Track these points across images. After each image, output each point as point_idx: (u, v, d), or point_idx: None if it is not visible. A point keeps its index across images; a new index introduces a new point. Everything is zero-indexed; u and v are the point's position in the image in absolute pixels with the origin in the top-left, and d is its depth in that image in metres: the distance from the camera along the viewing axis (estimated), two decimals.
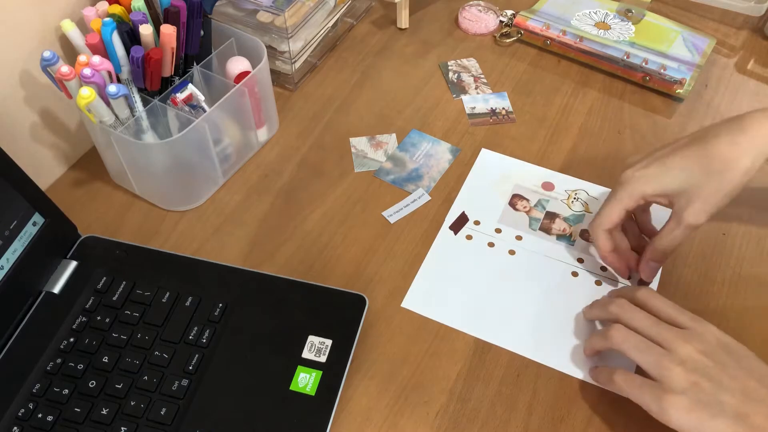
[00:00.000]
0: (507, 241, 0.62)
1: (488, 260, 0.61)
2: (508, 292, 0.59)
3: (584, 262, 0.61)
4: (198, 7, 0.60)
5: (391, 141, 0.71)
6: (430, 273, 0.60)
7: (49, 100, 0.63)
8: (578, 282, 0.59)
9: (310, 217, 0.65)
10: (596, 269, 0.60)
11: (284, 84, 0.76)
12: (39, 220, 0.56)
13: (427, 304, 0.58)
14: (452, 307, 0.58)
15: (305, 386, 0.51)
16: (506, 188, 0.66)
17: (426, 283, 0.59)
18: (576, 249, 0.62)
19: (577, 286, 0.59)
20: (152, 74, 0.60)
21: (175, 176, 0.63)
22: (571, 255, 0.61)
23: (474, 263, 0.61)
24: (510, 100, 0.75)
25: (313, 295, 0.56)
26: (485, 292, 0.59)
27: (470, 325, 0.57)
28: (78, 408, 0.50)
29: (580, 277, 0.60)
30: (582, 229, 0.63)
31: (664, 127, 0.72)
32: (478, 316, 0.57)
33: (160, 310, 0.55)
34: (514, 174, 0.67)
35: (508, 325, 0.57)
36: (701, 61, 0.76)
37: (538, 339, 0.56)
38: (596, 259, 0.61)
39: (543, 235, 0.63)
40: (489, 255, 0.61)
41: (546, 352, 0.55)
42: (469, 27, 0.83)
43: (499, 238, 0.62)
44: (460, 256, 0.61)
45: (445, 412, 0.52)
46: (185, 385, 0.51)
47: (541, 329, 0.56)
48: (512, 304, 0.58)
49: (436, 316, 0.57)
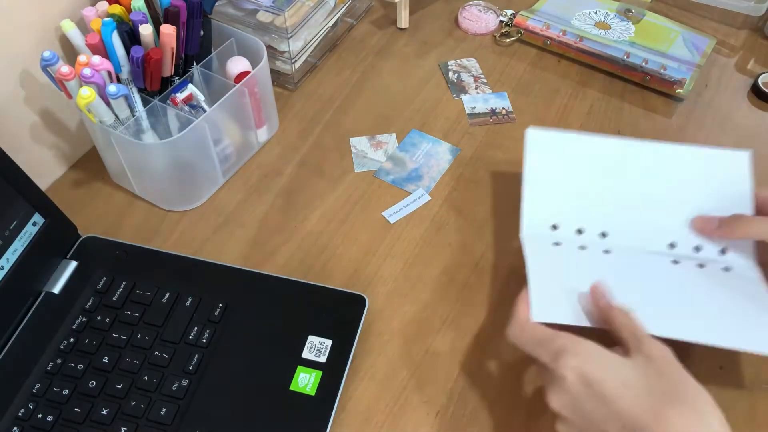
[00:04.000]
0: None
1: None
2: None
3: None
4: (198, 7, 0.60)
5: (391, 141, 0.71)
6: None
7: (49, 100, 0.63)
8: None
9: (310, 217, 0.65)
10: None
11: (284, 84, 0.76)
12: (39, 220, 0.56)
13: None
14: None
15: (305, 386, 0.51)
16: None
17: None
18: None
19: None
20: (152, 74, 0.60)
21: (175, 176, 0.63)
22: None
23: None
24: (510, 100, 0.75)
25: (313, 295, 0.56)
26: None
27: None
28: (78, 408, 0.50)
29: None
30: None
31: (664, 127, 0.72)
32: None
33: (160, 310, 0.55)
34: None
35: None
36: (701, 61, 0.76)
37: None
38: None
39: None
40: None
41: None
42: (469, 27, 0.83)
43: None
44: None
45: (445, 412, 0.52)
46: (185, 385, 0.51)
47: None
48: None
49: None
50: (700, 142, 0.70)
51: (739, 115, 0.73)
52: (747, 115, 0.73)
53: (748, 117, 0.73)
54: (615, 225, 0.58)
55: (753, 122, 0.73)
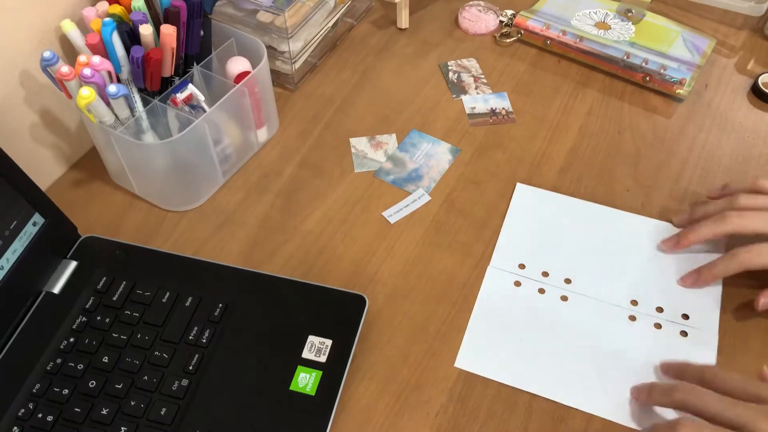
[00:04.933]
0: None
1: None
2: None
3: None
4: (198, 7, 0.60)
5: (391, 141, 0.71)
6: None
7: (49, 100, 0.63)
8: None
9: (310, 217, 0.65)
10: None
11: (284, 84, 0.76)
12: (39, 220, 0.56)
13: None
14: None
15: (305, 386, 0.51)
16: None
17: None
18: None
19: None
20: (152, 74, 0.60)
21: (175, 176, 0.63)
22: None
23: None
24: (510, 100, 0.75)
25: (313, 295, 0.56)
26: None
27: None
28: (78, 408, 0.50)
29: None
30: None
31: (664, 127, 0.72)
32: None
33: (160, 310, 0.55)
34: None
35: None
36: (701, 61, 0.76)
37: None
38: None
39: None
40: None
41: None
42: (469, 27, 0.83)
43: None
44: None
45: (445, 412, 0.52)
46: (185, 385, 0.51)
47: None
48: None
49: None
50: (700, 142, 0.71)
51: (739, 115, 0.73)
52: (747, 115, 0.73)
53: (748, 117, 0.73)
54: (581, 274, 0.60)
55: (753, 122, 0.73)
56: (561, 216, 0.64)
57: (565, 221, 0.64)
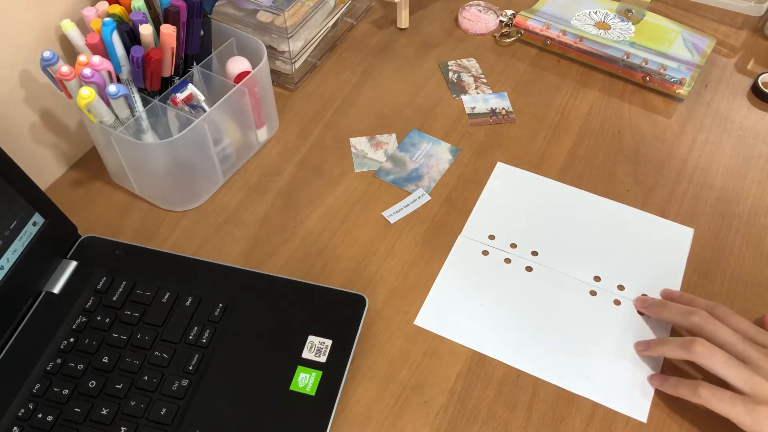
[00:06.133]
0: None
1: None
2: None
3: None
4: (198, 7, 0.60)
5: (391, 141, 0.71)
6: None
7: (49, 100, 0.63)
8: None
9: (310, 217, 0.65)
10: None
11: (284, 84, 0.76)
12: (39, 220, 0.56)
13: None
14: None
15: (305, 386, 0.51)
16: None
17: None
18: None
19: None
20: (152, 74, 0.60)
21: (175, 176, 0.63)
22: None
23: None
24: (510, 100, 0.75)
25: (313, 295, 0.56)
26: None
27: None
28: (78, 408, 0.50)
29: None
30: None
31: (664, 127, 0.72)
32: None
33: (160, 310, 0.55)
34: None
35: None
36: (701, 61, 0.76)
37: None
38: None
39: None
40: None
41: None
42: (469, 27, 0.83)
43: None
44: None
45: (445, 412, 0.52)
46: (185, 385, 0.51)
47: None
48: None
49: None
50: (700, 142, 0.71)
51: (739, 115, 0.73)
52: (747, 115, 0.74)
53: (748, 117, 0.73)
54: (548, 248, 0.62)
55: (753, 122, 0.73)
56: (535, 195, 0.66)
57: (539, 200, 0.66)
